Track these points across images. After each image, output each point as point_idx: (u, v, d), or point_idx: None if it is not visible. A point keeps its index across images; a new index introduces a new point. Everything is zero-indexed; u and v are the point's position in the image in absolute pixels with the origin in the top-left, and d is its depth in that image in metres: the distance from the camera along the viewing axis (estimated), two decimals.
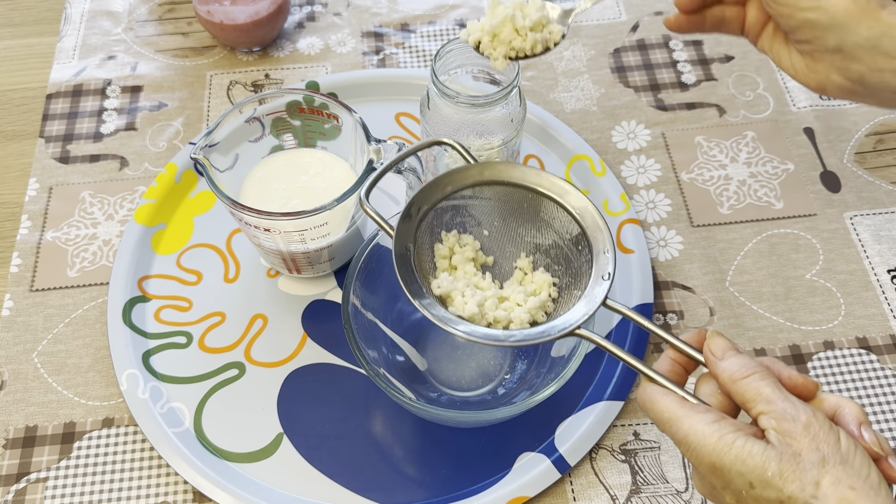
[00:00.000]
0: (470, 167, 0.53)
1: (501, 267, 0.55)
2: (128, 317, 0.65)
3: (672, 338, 0.46)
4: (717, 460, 0.41)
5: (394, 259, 0.49)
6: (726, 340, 0.45)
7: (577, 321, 0.47)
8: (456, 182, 0.52)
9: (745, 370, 0.42)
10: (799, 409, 0.40)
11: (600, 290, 0.48)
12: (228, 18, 0.78)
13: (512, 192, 0.53)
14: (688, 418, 0.42)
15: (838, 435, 0.40)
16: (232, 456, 0.60)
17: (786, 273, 0.68)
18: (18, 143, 0.77)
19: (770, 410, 0.41)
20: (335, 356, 0.64)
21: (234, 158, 0.62)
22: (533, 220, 0.54)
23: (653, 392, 0.44)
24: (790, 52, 0.53)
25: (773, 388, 0.41)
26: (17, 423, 0.62)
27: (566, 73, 0.81)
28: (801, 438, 0.39)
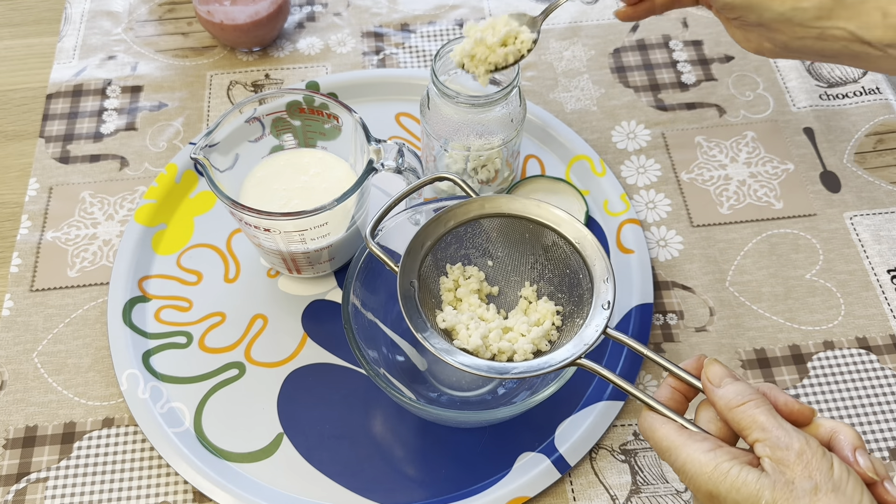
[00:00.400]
0: (471, 201, 0.54)
1: (506, 296, 0.56)
2: (128, 317, 0.65)
3: (671, 365, 0.47)
4: (714, 488, 0.41)
5: (398, 296, 0.50)
6: (723, 367, 0.45)
7: (577, 353, 0.48)
8: (458, 216, 0.54)
9: (741, 398, 0.43)
10: (792, 436, 0.41)
11: (600, 320, 0.49)
12: (228, 18, 0.78)
13: (513, 223, 0.54)
14: (685, 447, 0.43)
15: (831, 462, 0.40)
16: (232, 456, 0.60)
17: (786, 273, 0.68)
18: (18, 143, 0.77)
19: (765, 438, 0.41)
20: (335, 356, 0.64)
21: (234, 158, 0.62)
22: (535, 250, 0.55)
23: (653, 420, 0.45)
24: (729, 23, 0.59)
25: (767, 415, 0.42)
26: (17, 423, 0.62)
27: (566, 73, 0.81)
28: (794, 466, 0.40)
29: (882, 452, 0.60)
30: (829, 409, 0.62)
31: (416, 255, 0.52)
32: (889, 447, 0.60)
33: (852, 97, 0.78)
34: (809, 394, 0.62)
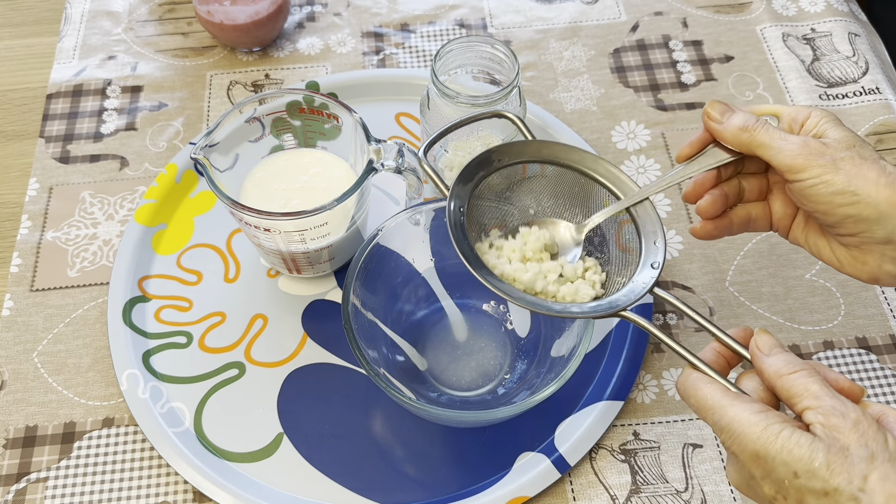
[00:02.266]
0: (528, 143, 0.53)
1: None
2: (128, 317, 0.65)
3: (718, 330, 0.46)
4: (762, 449, 0.41)
5: (447, 221, 0.49)
6: (774, 338, 0.45)
7: (625, 303, 0.48)
8: (513, 154, 0.52)
9: (792, 367, 0.43)
10: (848, 406, 0.40)
11: (649, 278, 0.49)
12: (228, 18, 0.78)
13: (567, 173, 0.53)
14: (733, 407, 0.42)
15: (886, 436, 0.40)
16: (232, 456, 0.60)
17: (785, 273, 0.68)
18: (18, 143, 0.77)
19: (817, 406, 0.41)
20: (335, 356, 0.64)
21: (234, 158, 0.62)
22: (583, 205, 0.54)
23: (696, 379, 0.44)
24: (830, 244, 0.50)
25: (820, 385, 0.41)
26: (17, 423, 0.62)
27: (566, 73, 0.81)
28: (849, 434, 0.39)
29: None
30: None
31: (467, 183, 0.51)
32: None
33: (852, 97, 0.78)
34: None
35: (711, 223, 0.52)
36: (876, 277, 0.48)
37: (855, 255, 0.48)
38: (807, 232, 0.51)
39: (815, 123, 0.48)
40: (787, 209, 0.52)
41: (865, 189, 0.45)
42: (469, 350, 0.63)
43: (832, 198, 0.46)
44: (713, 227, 0.52)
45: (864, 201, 0.45)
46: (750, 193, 0.52)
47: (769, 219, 0.52)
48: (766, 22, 0.85)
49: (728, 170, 0.51)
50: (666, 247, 0.50)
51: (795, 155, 0.46)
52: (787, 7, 0.86)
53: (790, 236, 0.52)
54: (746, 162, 0.52)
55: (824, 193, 0.46)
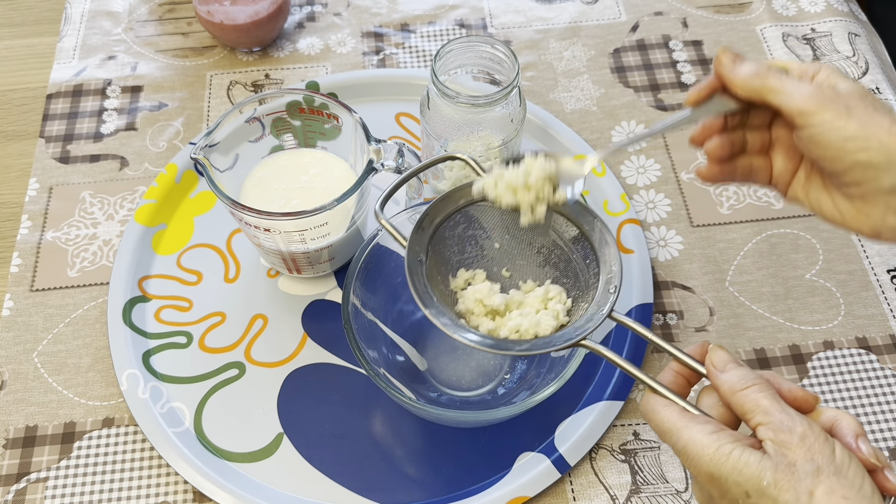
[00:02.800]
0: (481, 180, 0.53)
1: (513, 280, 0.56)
2: (128, 317, 0.65)
3: (675, 350, 0.47)
4: (715, 470, 0.41)
5: (406, 270, 0.50)
6: (728, 353, 0.45)
7: (583, 332, 0.48)
8: (468, 195, 0.53)
9: (745, 382, 0.43)
10: (795, 420, 0.41)
11: (606, 303, 0.49)
12: (228, 18, 0.78)
13: None
14: (687, 429, 0.43)
15: (833, 447, 0.40)
16: (232, 456, 0.60)
17: (785, 273, 0.68)
18: (18, 143, 0.77)
19: (767, 422, 0.41)
20: (335, 356, 0.64)
21: (235, 158, 0.62)
22: (544, 233, 0.54)
23: (654, 402, 0.45)
24: (833, 197, 0.48)
25: (770, 399, 0.42)
26: (17, 423, 0.62)
27: (566, 73, 0.81)
28: (796, 449, 0.40)
29: (882, 452, 0.60)
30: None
31: (426, 231, 0.52)
32: (889, 447, 0.60)
33: None
34: None
35: (717, 167, 0.51)
36: (878, 231, 0.47)
37: (858, 206, 0.47)
38: (808, 187, 0.50)
39: (825, 76, 0.48)
40: (789, 164, 0.51)
41: (877, 135, 0.44)
42: (469, 350, 0.63)
43: (844, 143, 0.44)
44: (718, 171, 0.51)
45: (876, 147, 0.44)
46: (752, 146, 0.52)
47: (769, 172, 0.52)
48: (766, 22, 0.85)
49: (734, 119, 0.51)
50: (622, 269, 0.50)
51: (808, 98, 0.45)
52: (787, 7, 0.86)
53: (789, 193, 0.51)
54: (752, 114, 0.51)
55: (836, 139, 0.45)
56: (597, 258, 0.51)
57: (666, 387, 0.46)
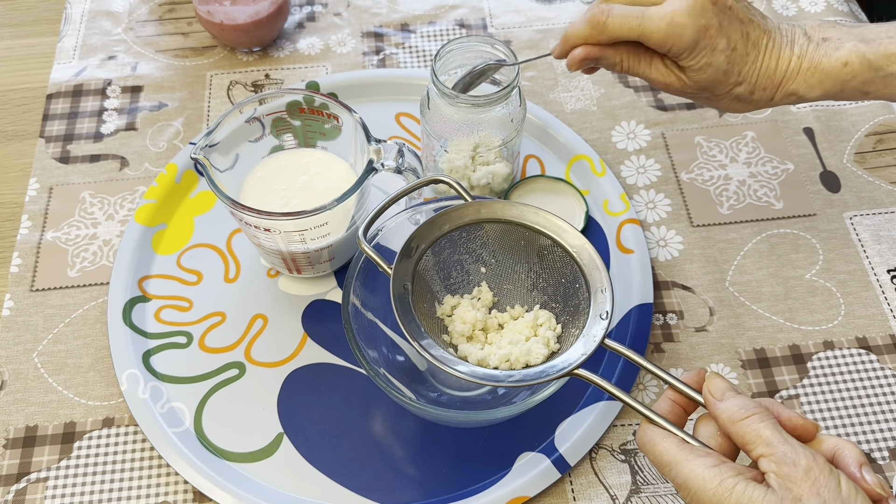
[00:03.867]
0: (467, 205, 0.54)
1: (500, 305, 0.56)
2: (128, 317, 0.65)
3: (671, 378, 0.46)
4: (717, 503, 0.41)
5: (392, 299, 0.50)
6: (725, 381, 0.45)
7: (575, 361, 0.48)
8: (454, 220, 0.53)
9: (745, 411, 0.42)
10: (799, 452, 0.40)
11: (598, 330, 0.49)
12: (228, 18, 0.78)
13: (509, 229, 0.54)
14: (688, 462, 0.42)
15: (839, 479, 0.40)
16: (232, 456, 0.60)
17: (785, 273, 0.68)
18: (19, 143, 0.77)
19: (770, 453, 0.41)
20: (335, 356, 0.64)
21: (235, 158, 0.62)
22: (530, 258, 0.54)
23: (653, 434, 0.44)
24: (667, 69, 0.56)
25: (772, 430, 0.41)
26: (17, 423, 0.62)
27: (566, 73, 0.81)
28: (801, 483, 0.39)
29: (882, 452, 0.60)
30: (828, 409, 0.62)
31: (410, 258, 0.52)
32: (889, 447, 0.60)
33: None
34: (809, 394, 0.62)
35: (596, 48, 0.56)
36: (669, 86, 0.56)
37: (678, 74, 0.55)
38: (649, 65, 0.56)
39: None
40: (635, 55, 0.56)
41: None
42: None
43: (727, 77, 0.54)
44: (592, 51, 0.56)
45: None
46: None
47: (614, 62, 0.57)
48: None
49: None
50: (613, 295, 0.50)
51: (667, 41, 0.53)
52: (787, 7, 0.86)
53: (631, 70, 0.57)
54: None
55: None
56: (586, 283, 0.51)
57: (663, 417, 0.45)
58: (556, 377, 0.48)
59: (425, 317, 0.52)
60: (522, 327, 0.53)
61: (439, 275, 0.55)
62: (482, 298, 0.56)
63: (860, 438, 0.60)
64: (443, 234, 0.53)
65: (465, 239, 0.54)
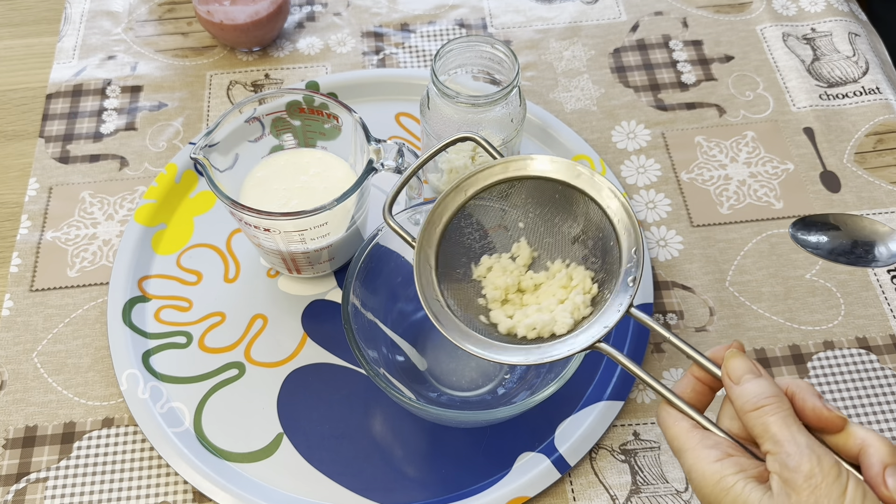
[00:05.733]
0: (493, 163, 0.51)
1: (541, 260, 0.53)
2: (128, 317, 0.65)
3: (696, 353, 0.44)
4: (715, 501, 0.40)
5: (414, 270, 0.48)
6: (745, 361, 0.42)
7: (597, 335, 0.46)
8: (480, 181, 0.50)
9: (757, 401, 0.40)
10: (804, 455, 0.38)
11: (624, 298, 0.46)
12: (228, 18, 0.78)
13: (542, 184, 0.51)
14: (693, 451, 0.41)
15: (845, 486, 0.37)
16: (232, 456, 0.60)
17: (785, 273, 0.68)
18: (18, 142, 0.77)
19: (776, 452, 0.39)
20: (335, 356, 0.64)
21: (234, 158, 0.62)
22: (567, 211, 0.51)
23: (666, 416, 0.43)
24: None
25: (780, 425, 0.39)
26: (16, 423, 0.62)
27: (566, 73, 0.81)
28: (801, 490, 0.37)
29: None
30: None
31: (435, 227, 0.49)
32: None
33: (852, 97, 0.78)
34: None
35: None
36: None
37: None
38: None
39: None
40: None
41: None
42: None
43: None
44: None
45: None
46: None
47: None
48: (766, 22, 0.85)
49: None
50: (644, 257, 0.47)
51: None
52: (788, 7, 0.86)
53: None
54: None
55: None
56: (618, 243, 0.48)
57: (679, 397, 0.43)
58: (578, 351, 0.45)
59: (460, 283, 0.50)
60: (556, 288, 0.50)
61: (473, 236, 0.52)
62: (520, 256, 0.52)
63: None
64: (469, 198, 0.50)
65: (497, 197, 0.51)
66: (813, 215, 0.53)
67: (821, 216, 0.54)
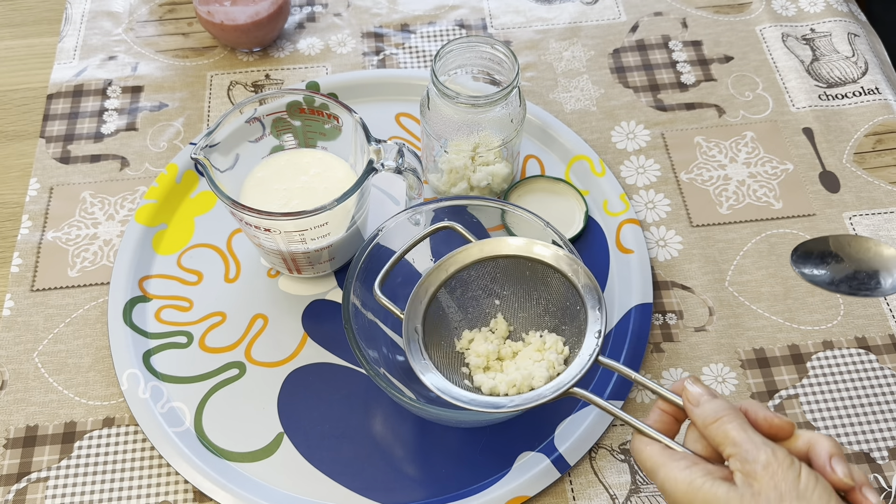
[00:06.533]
0: (470, 246, 0.56)
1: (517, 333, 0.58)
2: (128, 317, 0.65)
3: (658, 387, 0.48)
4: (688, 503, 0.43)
5: (403, 340, 0.53)
6: (701, 387, 0.46)
7: (570, 381, 0.50)
8: (459, 261, 0.56)
9: (715, 415, 0.44)
10: (760, 449, 0.42)
11: (591, 348, 0.51)
12: (229, 19, 0.78)
13: (514, 261, 0.56)
14: (665, 466, 0.45)
15: (798, 472, 0.42)
16: (232, 455, 0.60)
17: (785, 273, 0.68)
18: (19, 143, 0.77)
19: (736, 452, 0.43)
20: (335, 356, 0.64)
21: (235, 158, 0.62)
22: (538, 285, 0.57)
23: (639, 442, 0.47)
24: None
25: (738, 430, 0.43)
26: (17, 423, 0.62)
27: (566, 73, 0.81)
28: (761, 478, 0.41)
29: (882, 452, 0.60)
30: (828, 409, 0.62)
31: (421, 301, 0.55)
32: (889, 447, 0.60)
33: (851, 97, 0.79)
34: (808, 394, 0.62)
35: None
36: None
37: None
38: None
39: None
40: None
41: None
42: None
43: None
44: None
45: None
46: None
47: None
48: (765, 22, 0.85)
49: None
50: (606, 315, 0.52)
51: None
52: (787, 7, 0.86)
53: None
54: None
55: None
56: (584, 304, 0.53)
57: (651, 427, 0.47)
58: (552, 398, 0.50)
59: (444, 352, 0.56)
60: (532, 353, 0.55)
61: (455, 312, 0.57)
62: (498, 329, 0.58)
63: (859, 438, 0.60)
64: (450, 276, 0.56)
65: (475, 276, 0.57)
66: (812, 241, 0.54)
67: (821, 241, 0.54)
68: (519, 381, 0.53)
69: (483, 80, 0.68)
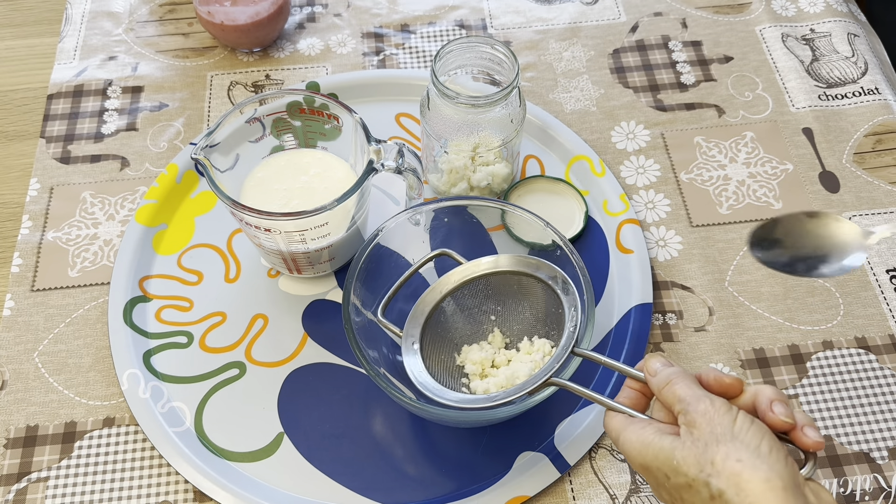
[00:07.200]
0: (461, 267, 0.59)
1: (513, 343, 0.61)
2: (128, 317, 0.66)
3: (624, 367, 0.50)
4: (643, 460, 0.46)
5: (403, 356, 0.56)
6: (660, 358, 0.49)
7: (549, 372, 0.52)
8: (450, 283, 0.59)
9: (667, 379, 0.47)
10: (700, 400, 0.45)
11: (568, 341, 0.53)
12: (229, 19, 0.78)
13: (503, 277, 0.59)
14: (624, 431, 0.47)
15: (735, 416, 0.44)
16: (232, 455, 0.60)
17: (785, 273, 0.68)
18: (19, 143, 0.78)
19: (681, 408, 0.45)
20: (335, 356, 0.64)
21: (235, 159, 0.62)
22: (527, 297, 0.59)
23: (607, 417, 0.49)
24: None
25: (684, 388, 0.46)
26: (17, 423, 0.62)
27: (566, 73, 0.81)
28: (700, 425, 0.44)
29: (881, 452, 0.60)
30: (828, 408, 0.62)
31: (418, 321, 0.57)
32: (888, 447, 0.60)
33: (851, 97, 0.79)
34: (808, 393, 0.62)
35: None
36: None
37: None
38: None
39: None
40: None
41: None
42: None
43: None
44: None
45: None
46: None
47: None
48: (765, 22, 0.85)
49: None
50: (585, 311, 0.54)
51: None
52: (787, 7, 0.86)
53: None
54: None
55: None
56: (563, 306, 0.55)
57: (617, 402, 0.49)
58: (532, 388, 0.51)
59: (445, 366, 0.58)
60: (523, 357, 0.57)
61: (453, 329, 0.60)
62: (494, 342, 0.60)
63: (859, 438, 0.60)
64: (444, 296, 0.59)
65: (468, 294, 0.60)
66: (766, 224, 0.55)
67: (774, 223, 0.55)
68: (504, 381, 0.56)
69: (483, 80, 0.68)
